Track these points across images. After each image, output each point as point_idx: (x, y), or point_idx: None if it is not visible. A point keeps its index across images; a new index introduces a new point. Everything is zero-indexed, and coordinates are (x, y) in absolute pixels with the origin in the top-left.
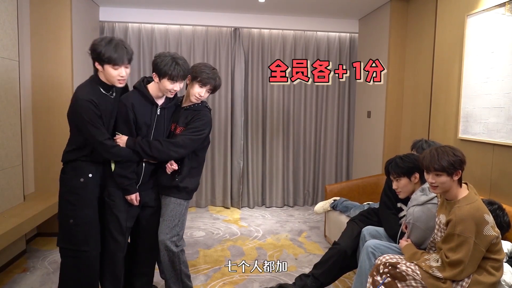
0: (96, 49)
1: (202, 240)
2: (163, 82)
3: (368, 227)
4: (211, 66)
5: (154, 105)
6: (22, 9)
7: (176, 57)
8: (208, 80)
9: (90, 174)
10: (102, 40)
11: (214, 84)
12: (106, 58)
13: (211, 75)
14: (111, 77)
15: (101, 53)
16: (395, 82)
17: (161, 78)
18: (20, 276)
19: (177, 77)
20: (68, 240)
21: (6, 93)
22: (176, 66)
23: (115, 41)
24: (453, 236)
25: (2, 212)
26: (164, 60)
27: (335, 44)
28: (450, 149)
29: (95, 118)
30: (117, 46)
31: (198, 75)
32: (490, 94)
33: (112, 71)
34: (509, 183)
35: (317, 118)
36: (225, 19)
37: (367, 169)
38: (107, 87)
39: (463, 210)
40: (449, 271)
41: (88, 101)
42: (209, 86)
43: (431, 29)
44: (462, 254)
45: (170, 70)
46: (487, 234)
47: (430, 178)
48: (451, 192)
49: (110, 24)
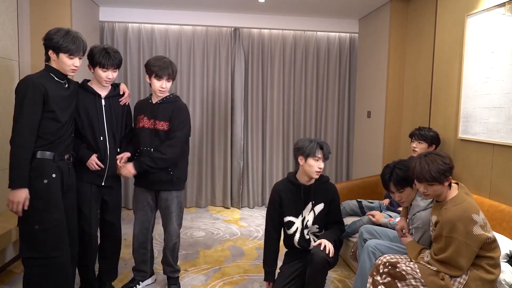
0: (54, 38)
1: (202, 240)
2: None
3: (366, 225)
4: (161, 57)
5: (96, 96)
6: (22, 9)
7: (107, 47)
8: (163, 71)
9: (54, 175)
10: (60, 30)
11: (169, 72)
12: (63, 48)
13: (163, 64)
14: (65, 65)
15: (58, 42)
16: (395, 82)
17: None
18: (20, 276)
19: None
20: (34, 248)
21: (6, 93)
22: (106, 55)
23: (73, 33)
24: (441, 237)
25: (2, 212)
26: (95, 50)
27: (335, 44)
28: (438, 157)
29: (33, 102)
30: (75, 38)
31: (151, 70)
32: (490, 94)
33: (67, 61)
34: (509, 183)
35: (317, 118)
36: (225, 19)
37: (367, 169)
38: (60, 75)
39: (450, 212)
40: (439, 267)
41: (36, 83)
42: (166, 76)
43: (431, 29)
44: (449, 253)
45: (100, 59)
46: (478, 233)
47: (422, 187)
48: (441, 195)
49: (110, 24)
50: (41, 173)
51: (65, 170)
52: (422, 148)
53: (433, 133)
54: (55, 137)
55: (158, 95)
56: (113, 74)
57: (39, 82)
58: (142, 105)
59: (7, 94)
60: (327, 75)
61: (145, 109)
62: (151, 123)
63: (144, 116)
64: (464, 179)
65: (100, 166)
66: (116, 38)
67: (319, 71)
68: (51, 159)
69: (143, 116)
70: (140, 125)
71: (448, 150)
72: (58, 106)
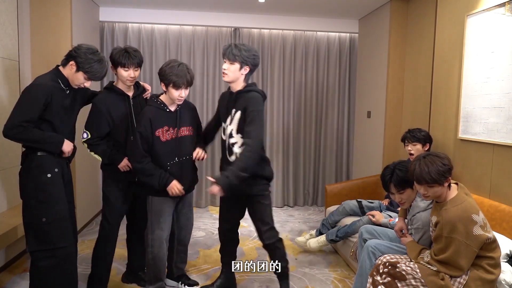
0: (84, 58)
1: (202, 240)
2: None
3: (366, 225)
4: (177, 64)
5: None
6: (22, 9)
7: (126, 47)
8: (181, 81)
9: (56, 169)
10: (93, 54)
11: (188, 79)
12: (89, 72)
13: (180, 73)
14: (77, 81)
15: (86, 65)
16: (395, 82)
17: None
18: (20, 276)
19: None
20: (42, 241)
21: (6, 93)
22: (126, 54)
23: (104, 61)
24: (441, 238)
25: (2, 212)
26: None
27: (335, 44)
28: (437, 159)
29: (36, 103)
30: (102, 67)
31: (169, 80)
32: (490, 94)
33: (82, 80)
34: (509, 183)
35: (317, 118)
36: (225, 19)
37: (367, 169)
38: (66, 84)
39: (450, 213)
40: (439, 267)
41: (47, 86)
42: (184, 85)
43: (431, 29)
44: (449, 253)
45: (121, 59)
46: (478, 233)
47: (422, 189)
48: (441, 196)
49: (110, 24)
50: (44, 169)
51: (64, 165)
52: (417, 149)
53: (424, 133)
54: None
55: (178, 104)
56: (135, 73)
57: (52, 86)
58: (158, 115)
59: (7, 94)
60: (327, 75)
61: (164, 119)
62: (175, 132)
63: (169, 128)
64: (464, 179)
65: (131, 168)
66: (116, 38)
67: (319, 71)
68: (51, 156)
69: (167, 128)
70: (168, 137)
71: (448, 150)
72: (58, 117)
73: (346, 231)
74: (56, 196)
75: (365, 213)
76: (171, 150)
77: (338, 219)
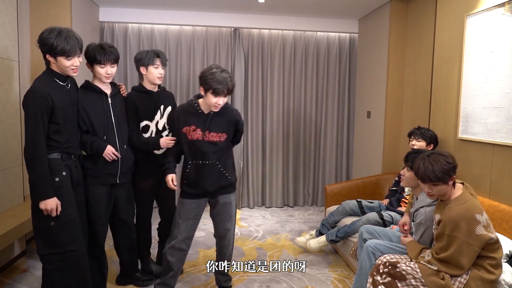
0: (47, 42)
1: (202, 240)
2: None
3: (366, 225)
4: (219, 70)
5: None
6: (22, 9)
7: (102, 43)
8: (221, 89)
9: (64, 172)
10: (51, 32)
11: (229, 87)
12: (59, 51)
13: (223, 80)
14: (65, 67)
15: (53, 45)
16: (395, 82)
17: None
18: (20, 276)
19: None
20: (52, 244)
21: (6, 93)
22: (102, 51)
23: (65, 33)
24: (444, 236)
25: (2, 212)
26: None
27: (335, 44)
28: (441, 157)
29: (42, 114)
30: (68, 37)
31: (209, 85)
32: (490, 94)
33: (65, 62)
34: (509, 183)
35: (317, 118)
36: (225, 19)
37: (367, 169)
38: (63, 78)
39: (453, 211)
40: (440, 266)
41: (43, 95)
42: (224, 93)
43: (431, 29)
44: (450, 252)
45: (96, 56)
46: (480, 233)
47: (426, 188)
48: (445, 194)
49: (110, 24)
50: (52, 172)
51: (73, 167)
52: (420, 145)
53: (432, 133)
54: (59, 144)
55: (214, 110)
56: (111, 70)
57: (46, 93)
58: (189, 113)
59: (7, 94)
60: (327, 75)
61: (193, 118)
62: (203, 134)
63: (196, 128)
64: (464, 179)
65: (116, 155)
66: (116, 38)
67: (319, 71)
68: (59, 158)
69: (195, 128)
70: (194, 137)
71: (448, 150)
72: (64, 118)
73: (346, 231)
74: (64, 200)
75: (365, 213)
76: (195, 150)
77: (338, 219)
